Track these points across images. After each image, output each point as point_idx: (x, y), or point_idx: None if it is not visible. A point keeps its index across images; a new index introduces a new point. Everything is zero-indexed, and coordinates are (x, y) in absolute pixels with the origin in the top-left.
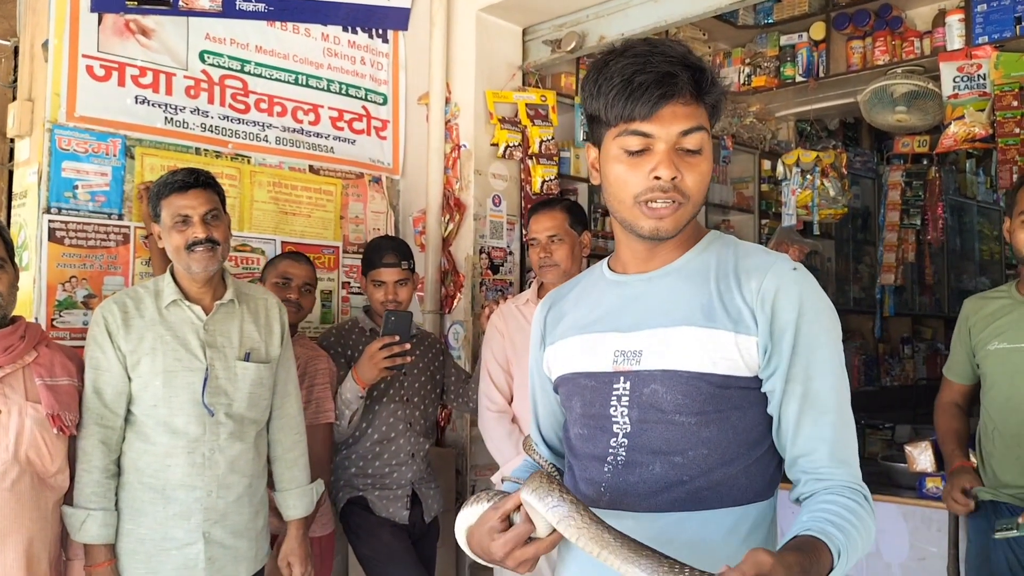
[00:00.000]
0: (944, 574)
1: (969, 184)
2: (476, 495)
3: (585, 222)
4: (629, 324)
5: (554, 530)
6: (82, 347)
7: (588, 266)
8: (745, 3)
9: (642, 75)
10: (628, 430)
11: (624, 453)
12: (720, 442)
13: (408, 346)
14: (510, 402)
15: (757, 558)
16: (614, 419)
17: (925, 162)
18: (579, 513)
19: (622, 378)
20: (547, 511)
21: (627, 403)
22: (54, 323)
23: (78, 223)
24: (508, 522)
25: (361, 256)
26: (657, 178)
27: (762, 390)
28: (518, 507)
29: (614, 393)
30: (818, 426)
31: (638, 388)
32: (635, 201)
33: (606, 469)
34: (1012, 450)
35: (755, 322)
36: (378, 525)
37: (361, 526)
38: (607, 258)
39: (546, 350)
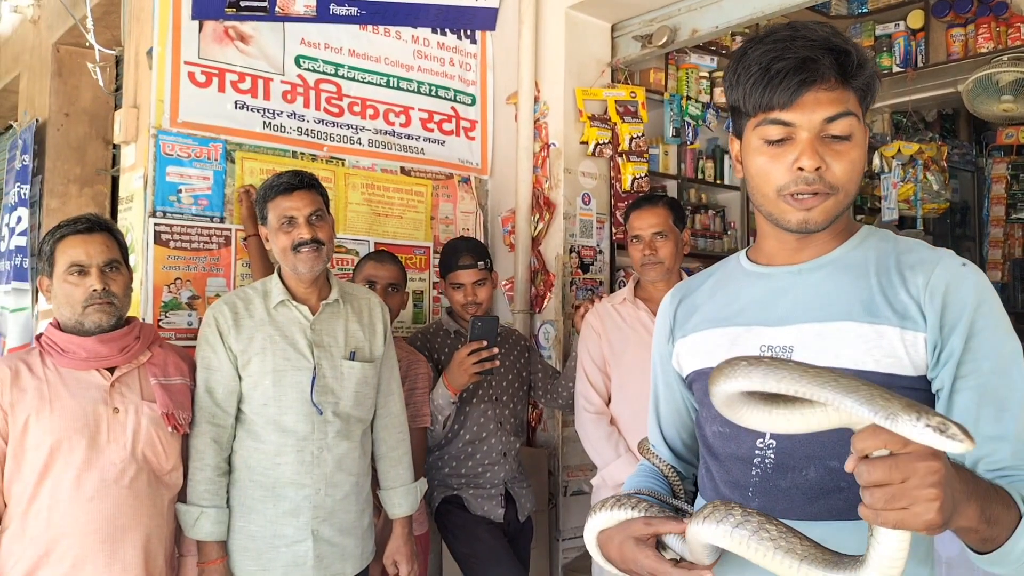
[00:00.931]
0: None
1: None
2: (609, 500)
3: (684, 219)
4: (778, 318)
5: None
6: (188, 347)
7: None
8: None
9: (780, 62)
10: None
11: (772, 456)
12: None
13: (496, 351)
14: (607, 403)
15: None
16: None
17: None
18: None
19: None
20: (729, 532)
21: None
22: (160, 324)
23: (182, 226)
24: (656, 540)
25: (440, 259)
26: (800, 169)
27: (932, 390)
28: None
29: None
30: (1000, 423)
31: None
32: (779, 194)
33: (753, 473)
34: None
35: (923, 318)
36: (475, 523)
37: (458, 525)
38: (744, 250)
39: (676, 343)
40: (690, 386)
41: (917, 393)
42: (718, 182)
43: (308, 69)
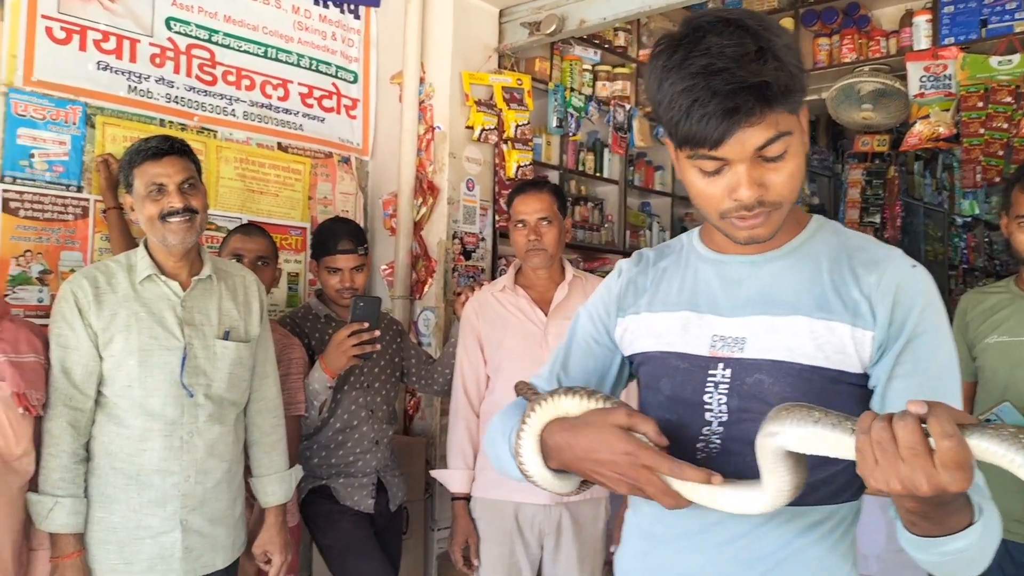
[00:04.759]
0: (921, 568)
1: (917, 185)
2: (562, 391)
3: (567, 207)
4: (730, 308)
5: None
6: (39, 325)
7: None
8: None
9: (701, 107)
10: (724, 419)
11: (718, 442)
12: None
13: (378, 333)
14: (480, 400)
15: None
16: (707, 406)
17: (877, 161)
18: None
19: (721, 364)
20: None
21: (725, 391)
22: (6, 299)
23: (34, 194)
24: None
25: (314, 239)
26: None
27: (869, 385)
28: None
29: (710, 379)
30: None
31: (740, 377)
32: (722, 217)
33: (698, 456)
34: None
35: (873, 316)
36: (339, 514)
37: (321, 515)
38: (696, 230)
39: (623, 319)
40: (636, 367)
41: (861, 390)
42: (598, 175)
43: (179, 32)
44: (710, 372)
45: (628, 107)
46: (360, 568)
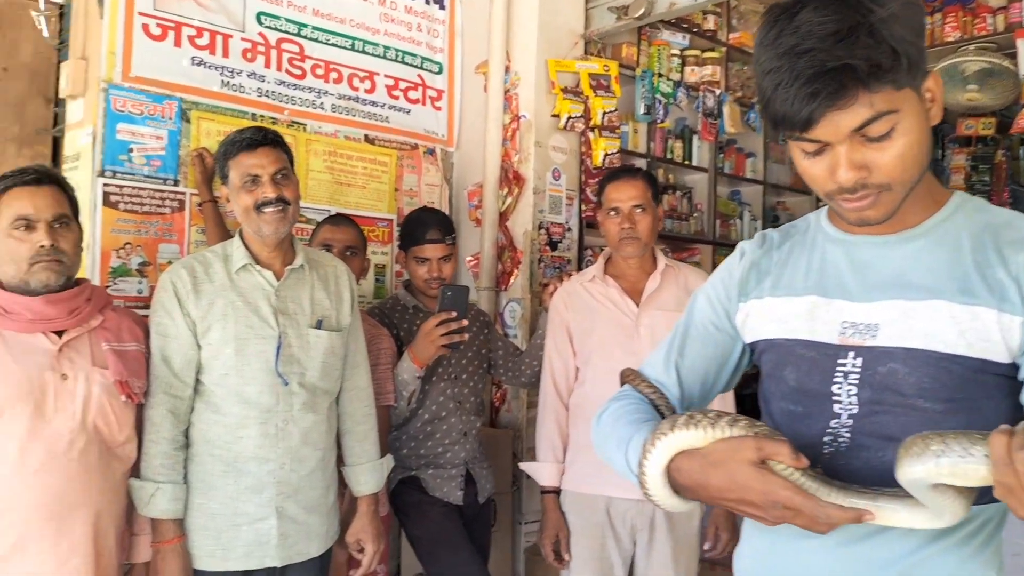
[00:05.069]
0: None
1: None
2: (683, 418)
3: (660, 194)
4: (861, 292)
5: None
6: (140, 315)
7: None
8: None
9: (784, 91)
10: (855, 411)
11: (848, 436)
12: None
13: (466, 322)
14: (570, 392)
15: None
16: (836, 397)
17: (981, 145)
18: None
19: (851, 353)
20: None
21: (856, 381)
22: (108, 290)
23: (133, 188)
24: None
25: (401, 230)
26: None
27: (1019, 377)
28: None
29: (839, 369)
30: None
31: (872, 366)
32: (829, 197)
33: (825, 451)
34: None
35: (1022, 300)
36: (429, 505)
37: (411, 505)
38: (824, 208)
39: (745, 303)
40: (758, 354)
41: (1010, 382)
42: (686, 163)
43: (270, 27)
44: (839, 361)
45: (718, 92)
46: (450, 559)
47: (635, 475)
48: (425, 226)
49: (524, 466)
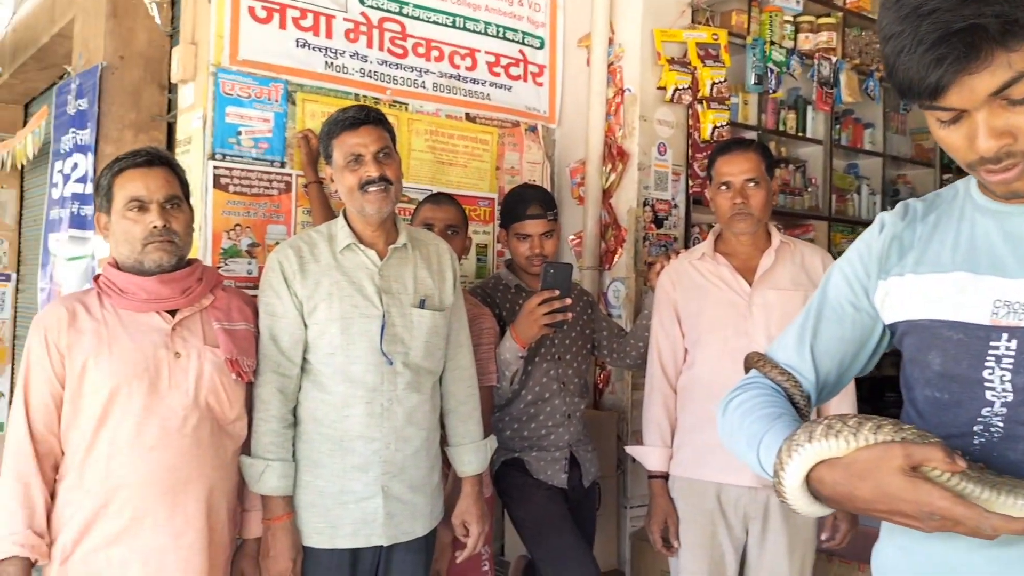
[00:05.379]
0: None
1: None
2: (823, 423)
3: (774, 167)
4: (1017, 268)
5: None
6: (249, 295)
7: None
8: None
9: (907, 57)
10: (1009, 399)
11: (1000, 426)
12: None
13: (569, 301)
14: (678, 374)
15: None
16: (988, 383)
17: None
18: None
19: (1005, 335)
20: None
21: (1010, 366)
22: (219, 271)
23: (242, 170)
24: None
25: (502, 208)
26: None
27: None
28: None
29: (991, 352)
30: None
31: None
32: (971, 167)
33: (975, 441)
34: None
35: None
36: (533, 487)
37: (515, 487)
38: (971, 178)
39: (885, 281)
40: (899, 337)
41: None
42: (800, 135)
43: (372, 7)
44: (991, 344)
45: (834, 60)
46: (555, 543)
47: (771, 477)
48: (526, 202)
49: (630, 450)
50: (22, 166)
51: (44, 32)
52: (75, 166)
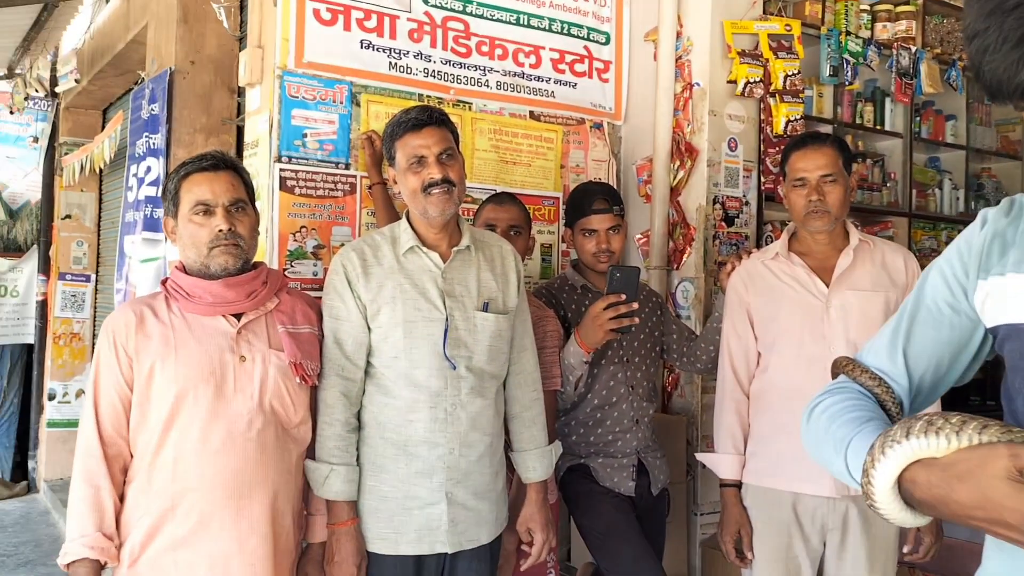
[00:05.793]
0: None
1: None
2: (925, 424)
3: (852, 163)
4: None
5: None
6: (313, 297)
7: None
8: None
9: (992, 56)
10: None
11: None
12: None
13: (636, 305)
14: (751, 379)
15: None
16: None
17: None
18: None
19: None
20: None
21: None
22: (285, 273)
23: (307, 172)
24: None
25: (567, 205)
26: None
27: None
28: None
29: None
30: None
31: None
32: None
33: None
34: None
35: None
36: (600, 495)
37: (582, 495)
38: None
39: (985, 281)
40: (1000, 342)
41: None
42: (878, 128)
43: (435, 6)
44: None
45: (914, 49)
46: (622, 552)
47: (858, 483)
48: (591, 196)
49: (701, 457)
50: (100, 170)
51: (120, 39)
52: (148, 169)
